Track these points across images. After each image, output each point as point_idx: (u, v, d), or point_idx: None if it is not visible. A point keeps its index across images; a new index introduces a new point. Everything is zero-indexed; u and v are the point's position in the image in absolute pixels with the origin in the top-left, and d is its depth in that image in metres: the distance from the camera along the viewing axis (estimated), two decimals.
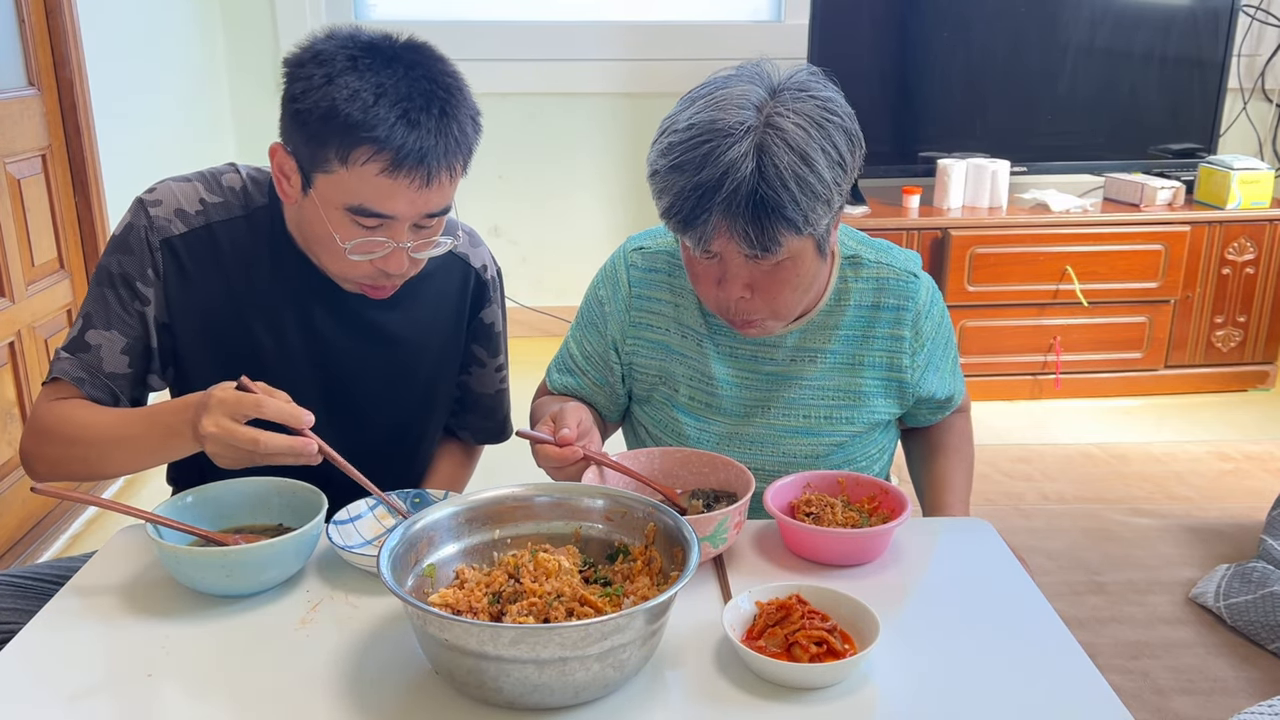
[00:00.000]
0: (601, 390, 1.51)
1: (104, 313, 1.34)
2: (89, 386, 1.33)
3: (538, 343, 3.32)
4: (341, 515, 1.24)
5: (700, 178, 1.20)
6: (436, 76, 1.24)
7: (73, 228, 2.77)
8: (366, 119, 1.18)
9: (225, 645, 1.08)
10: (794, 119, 1.21)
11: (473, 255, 1.49)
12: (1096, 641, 2.22)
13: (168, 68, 3.42)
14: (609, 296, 1.49)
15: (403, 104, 1.19)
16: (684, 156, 1.21)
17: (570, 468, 1.26)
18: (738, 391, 1.44)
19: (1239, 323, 3.65)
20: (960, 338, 3.55)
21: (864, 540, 1.22)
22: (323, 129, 1.19)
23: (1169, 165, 3.75)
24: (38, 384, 2.55)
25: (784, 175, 1.19)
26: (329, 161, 1.21)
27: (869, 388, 1.43)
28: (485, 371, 1.56)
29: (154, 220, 1.33)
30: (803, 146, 1.20)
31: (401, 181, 1.20)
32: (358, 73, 1.19)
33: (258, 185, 1.38)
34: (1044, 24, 3.62)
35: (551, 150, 4.07)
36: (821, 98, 1.24)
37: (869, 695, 1.01)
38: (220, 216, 1.36)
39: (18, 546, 2.48)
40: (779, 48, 3.86)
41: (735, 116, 1.20)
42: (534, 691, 0.94)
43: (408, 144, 1.19)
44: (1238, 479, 3.03)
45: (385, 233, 1.25)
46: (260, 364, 1.36)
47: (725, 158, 1.19)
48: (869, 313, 1.42)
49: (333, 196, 1.23)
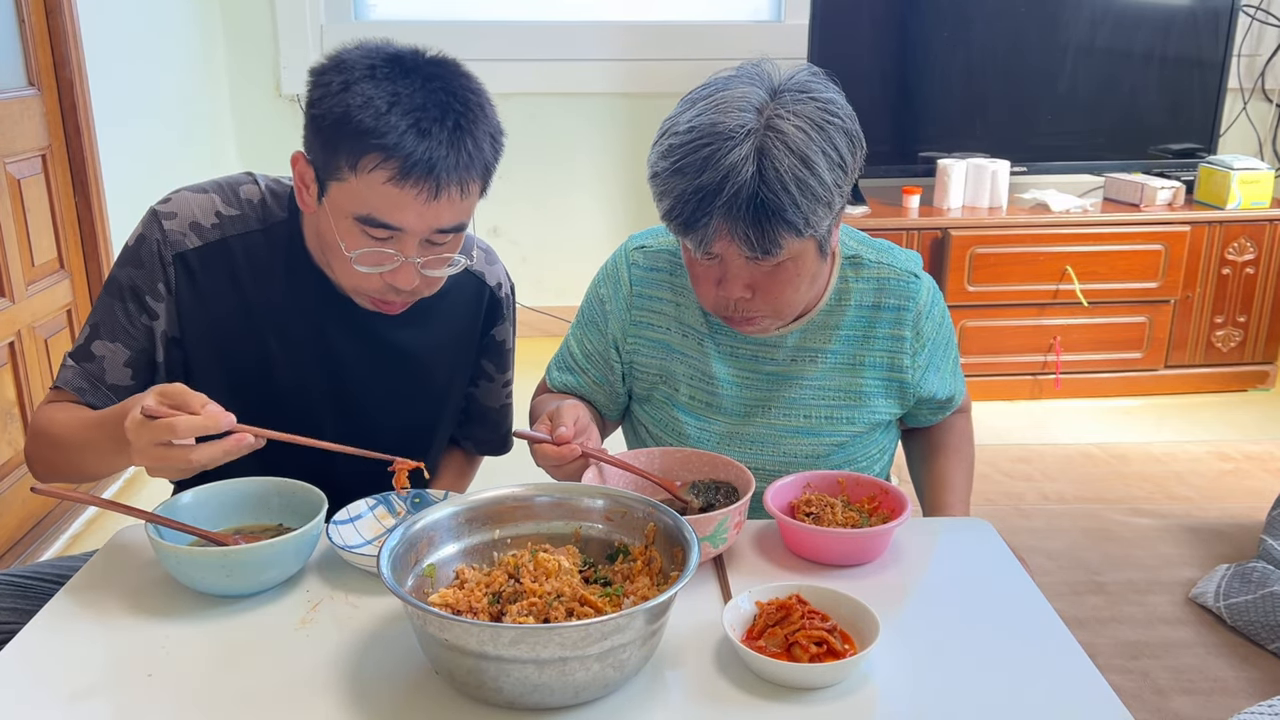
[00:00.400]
0: (601, 389, 1.51)
1: (110, 324, 1.33)
2: (90, 396, 1.33)
3: (538, 342, 3.31)
4: (341, 515, 1.24)
5: (701, 181, 1.20)
6: (456, 90, 1.22)
7: (73, 228, 2.77)
8: (377, 126, 1.17)
9: (225, 645, 1.08)
10: (794, 121, 1.21)
11: (488, 273, 1.49)
12: (1096, 641, 2.22)
13: (168, 68, 3.42)
14: (610, 295, 1.49)
15: (415, 114, 1.18)
16: (685, 160, 1.21)
17: (569, 466, 1.26)
18: (738, 391, 1.44)
19: (1239, 323, 3.65)
20: (960, 338, 3.55)
21: (864, 540, 1.22)
22: (335, 135, 1.19)
23: (1169, 165, 3.75)
24: (38, 384, 2.56)
25: (784, 178, 1.19)
26: (340, 169, 1.20)
27: (870, 388, 1.43)
28: (493, 386, 1.56)
29: (168, 234, 1.32)
30: (803, 149, 1.20)
31: (409, 191, 1.19)
32: (374, 81, 1.18)
33: (276, 198, 1.37)
34: (1044, 24, 3.62)
35: (551, 150, 4.07)
36: (822, 99, 1.24)
37: (869, 695, 1.01)
38: (236, 230, 1.34)
39: (18, 546, 2.48)
40: (779, 48, 3.85)
41: (736, 119, 1.20)
42: (534, 691, 0.94)
43: (416, 153, 1.17)
44: (1238, 479, 3.03)
45: (394, 246, 1.24)
46: (272, 378, 1.36)
47: (726, 161, 1.19)
48: (870, 313, 1.42)
49: (343, 205, 1.22)
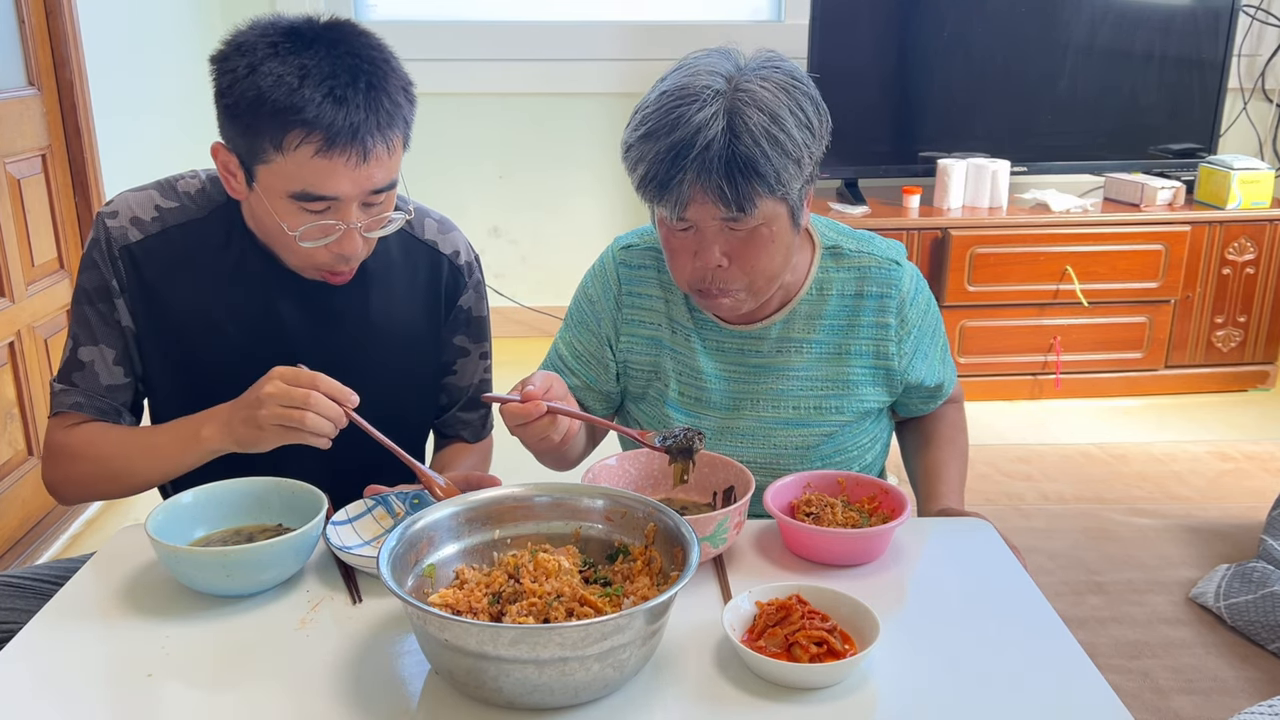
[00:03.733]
0: (591, 391, 1.50)
1: (88, 330, 1.36)
2: (89, 409, 1.36)
3: (538, 343, 3.31)
4: (340, 516, 1.24)
5: (673, 139, 1.23)
6: (360, 51, 1.23)
7: (73, 228, 2.77)
8: (294, 102, 1.17)
9: (225, 645, 1.08)
10: (761, 84, 1.25)
11: (442, 242, 1.48)
12: (1096, 641, 2.22)
13: (168, 68, 3.42)
14: (599, 295, 1.49)
15: (328, 82, 1.19)
16: (655, 123, 1.24)
17: (536, 423, 1.22)
18: (725, 385, 1.44)
19: (1239, 323, 3.65)
20: (960, 338, 3.55)
21: (864, 540, 1.22)
22: (254, 119, 1.19)
23: (1169, 165, 3.75)
24: (38, 384, 2.56)
25: (754, 132, 1.22)
26: (265, 151, 1.21)
27: (857, 376, 1.44)
28: (469, 360, 1.54)
29: (110, 231, 1.35)
30: (772, 107, 1.23)
31: (338, 160, 1.20)
32: (279, 58, 1.19)
33: (217, 185, 1.38)
34: (1044, 24, 3.62)
35: (551, 150, 4.07)
36: (787, 69, 1.29)
37: (869, 695, 1.01)
38: (176, 221, 1.36)
39: (18, 546, 2.48)
40: (779, 48, 3.81)
41: (704, 81, 1.24)
42: (534, 692, 0.94)
43: (338, 121, 1.18)
44: (1238, 479, 3.03)
45: (334, 215, 1.25)
46: (228, 363, 1.36)
47: (696, 119, 1.22)
48: (853, 301, 1.43)
49: (275, 186, 1.23)
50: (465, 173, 4.02)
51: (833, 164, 3.62)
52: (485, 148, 4.03)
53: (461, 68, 3.88)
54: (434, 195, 3.56)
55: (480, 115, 3.97)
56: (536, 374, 1.27)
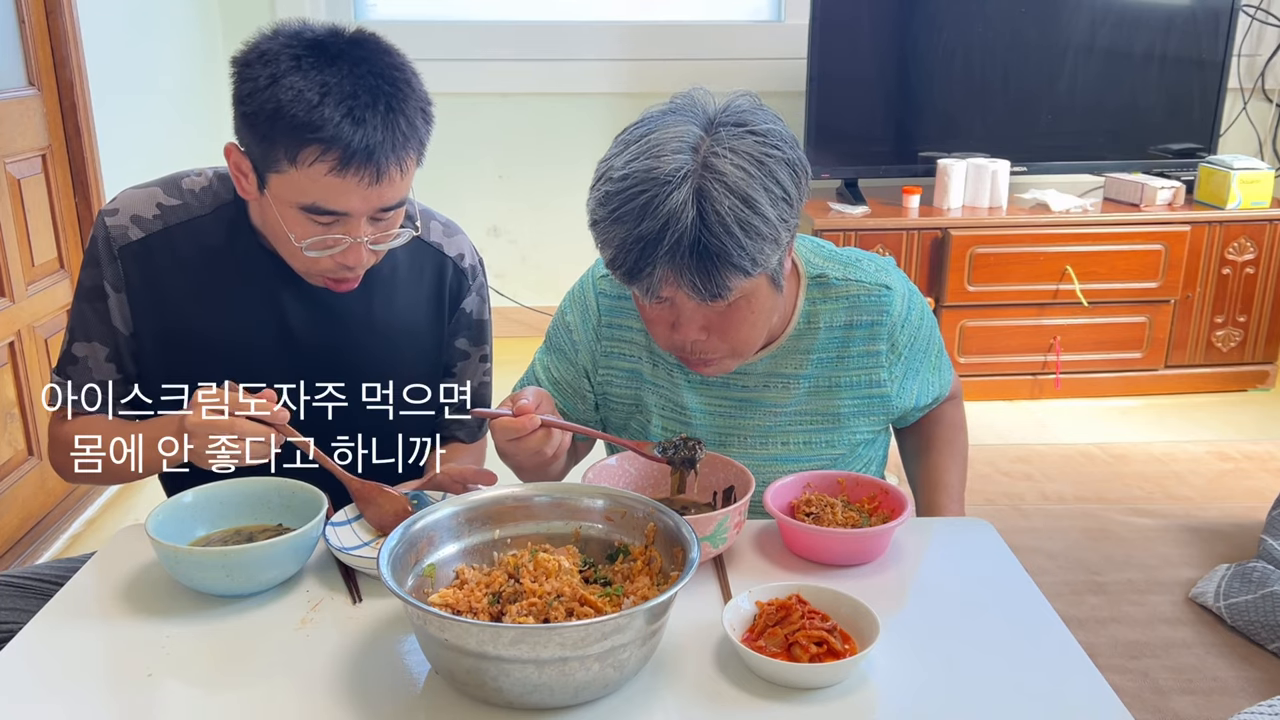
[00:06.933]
0: (568, 417, 1.46)
1: (84, 326, 1.38)
2: (81, 403, 1.37)
3: (537, 343, 3.30)
4: (340, 517, 1.24)
5: (641, 229, 1.15)
6: (383, 71, 1.22)
7: (73, 228, 2.77)
8: (312, 119, 1.17)
9: (225, 645, 1.08)
10: (732, 160, 1.15)
11: (447, 245, 1.48)
12: (1096, 641, 2.21)
13: (168, 68, 3.42)
14: (578, 323, 1.46)
15: (348, 102, 1.18)
16: (623, 208, 1.17)
17: (530, 438, 1.21)
18: (711, 420, 1.42)
19: (1239, 323, 3.65)
20: (960, 338, 3.55)
21: (864, 540, 1.22)
22: (270, 130, 1.19)
23: (1169, 165, 3.75)
24: (38, 384, 2.56)
25: (726, 221, 1.14)
26: (279, 161, 1.21)
27: (847, 409, 1.41)
28: (469, 363, 1.54)
29: (110, 230, 1.35)
30: (744, 189, 1.15)
31: (351, 180, 1.20)
32: (301, 72, 1.18)
33: (225, 183, 1.38)
34: (1044, 24, 3.62)
35: (551, 150, 4.07)
36: (760, 131, 1.19)
37: (869, 695, 1.01)
38: (179, 219, 1.36)
39: (18, 546, 2.48)
40: (779, 48, 3.86)
41: (671, 163, 1.15)
42: (534, 691, 0.94)
43: (354, 142, 1.18)
44: (1238, 479, 3.03)
45: (341, 229, 1.25)
46: (230, 361, 1.36)
47: (665, 208, 1.14)
48: (842, 333, 1.39)
49: (286, 195, 1.23)
50: (465, 172, 4.02)
51: (833, 164, 3.63)
52: (485, 147, 4.03)
53: (461, 68, 3.88)
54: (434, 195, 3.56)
55: (480, 115, 3.97)
56: (528, 389, 1.26)
